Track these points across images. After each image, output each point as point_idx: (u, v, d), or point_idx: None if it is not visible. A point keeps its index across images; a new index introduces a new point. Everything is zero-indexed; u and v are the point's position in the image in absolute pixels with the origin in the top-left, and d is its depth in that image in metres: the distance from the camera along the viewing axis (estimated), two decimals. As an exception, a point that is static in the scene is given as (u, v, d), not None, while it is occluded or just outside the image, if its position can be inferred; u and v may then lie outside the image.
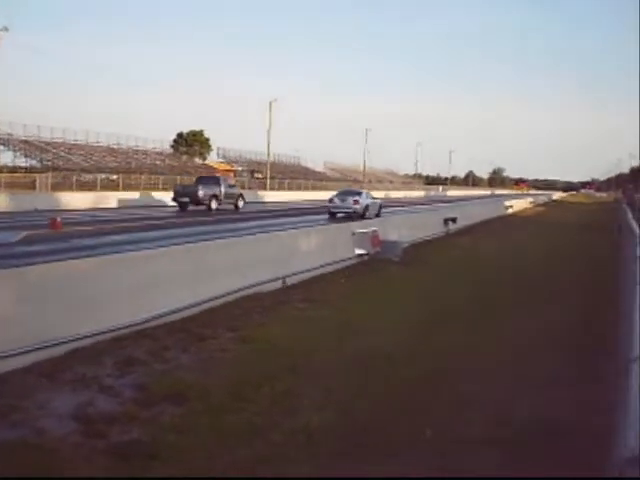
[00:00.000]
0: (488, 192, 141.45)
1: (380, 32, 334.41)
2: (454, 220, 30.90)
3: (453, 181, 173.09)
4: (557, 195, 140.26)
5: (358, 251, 18.63)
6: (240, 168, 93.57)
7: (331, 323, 11.02)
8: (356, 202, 34.79)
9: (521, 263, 20.58)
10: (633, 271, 10.56)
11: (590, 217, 54.99)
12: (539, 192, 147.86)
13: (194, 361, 8.59)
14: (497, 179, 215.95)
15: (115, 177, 62.35)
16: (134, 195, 45.40)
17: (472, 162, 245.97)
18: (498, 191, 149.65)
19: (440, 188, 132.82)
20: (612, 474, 2.66)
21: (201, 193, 36.83)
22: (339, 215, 34.26)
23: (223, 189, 38.87)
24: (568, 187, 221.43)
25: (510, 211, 55.40)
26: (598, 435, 5.68)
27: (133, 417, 6.51)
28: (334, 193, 38.27)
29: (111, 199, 41.21)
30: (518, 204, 65.53)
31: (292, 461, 5.66)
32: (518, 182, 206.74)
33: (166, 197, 40.95)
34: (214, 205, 37.36)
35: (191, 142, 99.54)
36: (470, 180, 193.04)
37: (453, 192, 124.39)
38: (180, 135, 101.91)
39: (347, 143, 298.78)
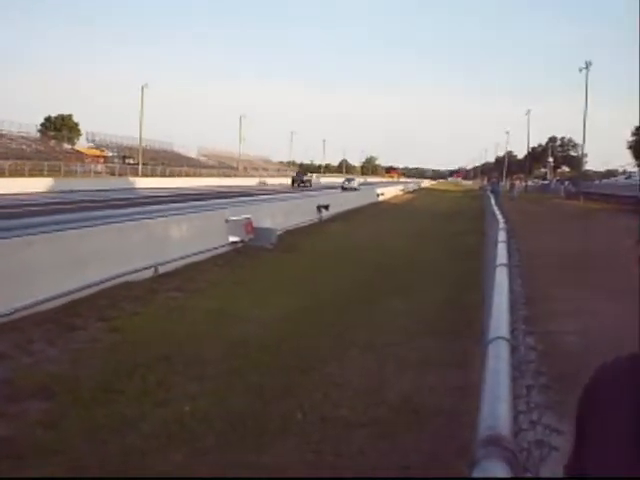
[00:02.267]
0: (361, 179, 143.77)
1: (255, 17, 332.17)
2: (327, 207, 31.31)
3: (327, 169, 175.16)
4: (426, 183, 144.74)
5: (232, 238, 18.57)
6: (111, 154, 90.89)
7: (204, 312, 10.95)
8: (353, 182, 75.95)
9: (390, 247, 21.08)
10: (492, 255, 10.99)
11: (454, 203, 57.05)
12: (409, 180, 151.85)
13: (63, 353, 8.33)
14: (369, 167, 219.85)
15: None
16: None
17: (345, 151, 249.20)
18: (370, 179, 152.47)
19: (314, 175, 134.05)
20: (472, 454, 2.79)
21: (305, 178, 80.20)
22: (346, 189, 65.45)
23: (308, 177, 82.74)
24: (437, 175, 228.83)
25: (381, 198, 56.75)
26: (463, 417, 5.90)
27: (-3, 413, 6.25)
28: (343, 179, 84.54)
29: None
30: (389, 191, 67.23)
31: (164, 451, 5.61)
32: (389, 170, 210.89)
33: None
34: (307, 184, 77.36)
35: (59, 126, 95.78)
36: (343, 168, 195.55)
37: (327, 179, 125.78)
38: (48, 119, 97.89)
39: (221, 130, 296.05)
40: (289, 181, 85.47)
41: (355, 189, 65.35)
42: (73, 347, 8.60)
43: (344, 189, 65.73)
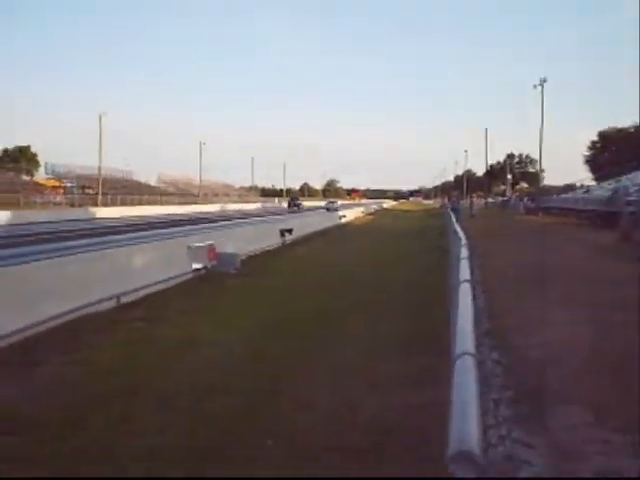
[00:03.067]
0: (323, 203, 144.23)
1: (205, 38, 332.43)
2: (290, 231, 31.30)
3: (289, 193, 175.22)
4: (388, 204, 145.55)
5: (195, 265, 18.45)
6: (70, 184, 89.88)
7: (168, 341, 10.80)
8: (336, 205, 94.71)
9: (353, 267, 21.12)
10: (456, 271, 11.04)
11: (416, 222, 57.50)
12: (371, 201, 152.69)
13: (23, 388, 8.13)
14: (331, 190, 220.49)
15: None
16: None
17: (306, 174, 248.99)
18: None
19: (276, 200, 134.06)
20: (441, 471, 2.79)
21: (299, 202, 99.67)
22: (329, 209, 77.81)
23: (300, 202, 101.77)
24: (398, 196, 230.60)
25: (344, 220, 56.85)
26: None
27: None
28: (326, 202, 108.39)
29: None
30: (351, 213, 67.51)
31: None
32: (351, 192, 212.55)
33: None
34: (300, 207, 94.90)
35: (17, 158, 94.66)
36: (305, 191, 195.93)
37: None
38: (5, 151, 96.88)
39: (181, 156, 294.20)
40: (251, 207, 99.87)
41: (336, 210, 76.34)
42: (35, 382, 8.39)
43: (328, 210, 79.61)
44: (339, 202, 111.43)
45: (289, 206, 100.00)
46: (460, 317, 5.68)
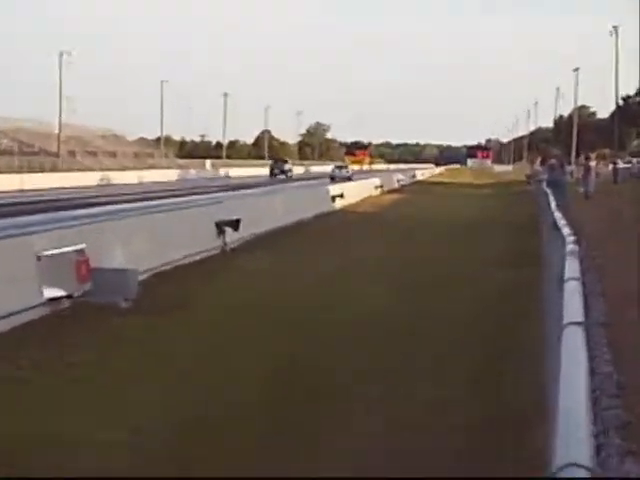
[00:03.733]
0: (301, 170, 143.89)
1: None
2: (235, 225, 30.88)
3: (234, 150, 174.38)
4: (426, 171, 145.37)
5: (50, 293, 18.28)
6: None
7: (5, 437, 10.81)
8: (347, 171, 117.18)
9: (354, 306, 20.75)
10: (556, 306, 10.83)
11: (476, 214, 56.79)
12: (393, 166, 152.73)
13: None
14: (315, 144, 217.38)
15: None
16: None
17: (267, 114, 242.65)
18: (317, 167, 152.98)
19: (208, 164, 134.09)
20: None
21: (286, 168, 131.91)
22: (337, 178, 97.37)
23: (289, 166, 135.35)
24: (445, 156, 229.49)
25: (339, 204, 56.16)
26: None
27: None
28: (332, 166, 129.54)
29: None
30: (354, 190, 66.90)
31: None
32: (353, 150, 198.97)
33: None
34: (289, 174, 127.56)
35: None
36: (265, 147, 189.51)
37: (236, 171, 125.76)
38: None
39: (25, 85, 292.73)
40: (159, 177, 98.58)
41: (349, 179, 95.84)
42: None
43: (332, 179, 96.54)
44: (350, 167, 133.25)
45: (271, 174, 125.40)
46: (563, 395, 5.68)
